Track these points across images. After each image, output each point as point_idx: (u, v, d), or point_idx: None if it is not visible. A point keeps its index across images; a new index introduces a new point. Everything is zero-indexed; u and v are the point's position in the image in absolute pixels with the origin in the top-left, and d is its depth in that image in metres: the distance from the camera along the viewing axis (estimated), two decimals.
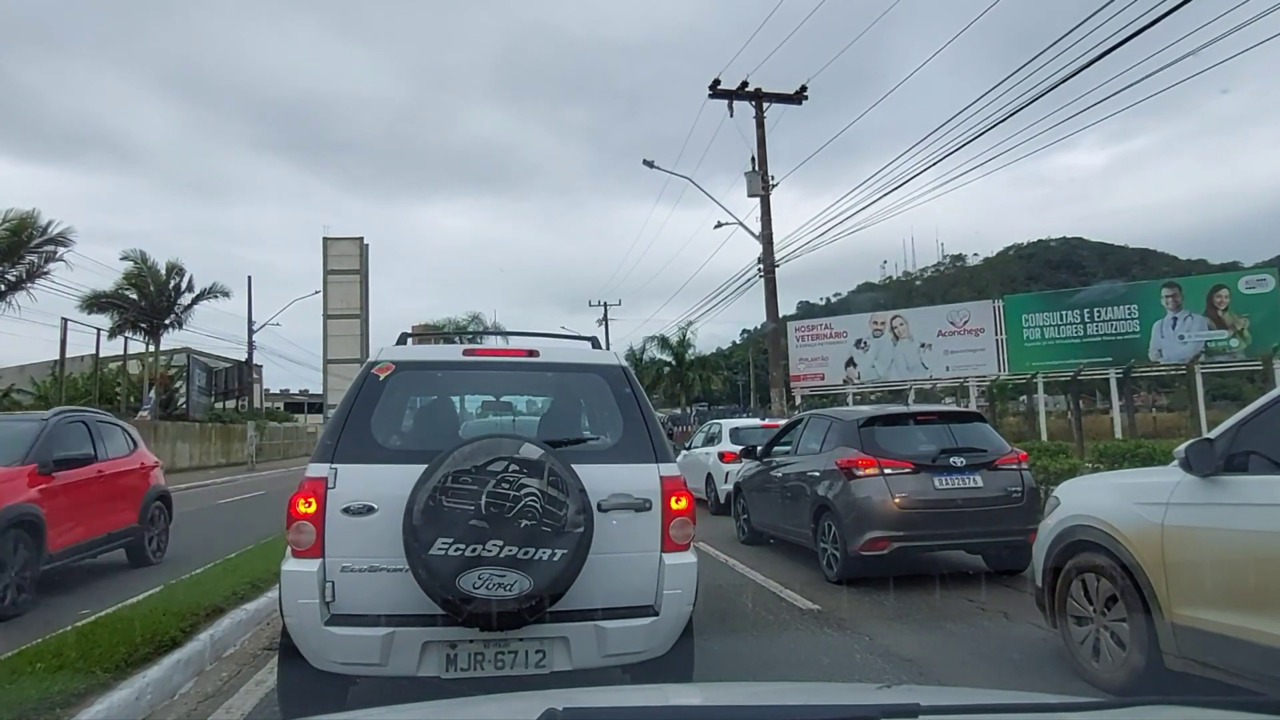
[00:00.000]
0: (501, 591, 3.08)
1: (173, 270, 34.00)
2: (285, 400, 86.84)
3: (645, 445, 3.72)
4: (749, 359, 69.36)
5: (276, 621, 4.85)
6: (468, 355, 4.26)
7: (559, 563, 3.14)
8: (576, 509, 3.22)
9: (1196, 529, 3.58)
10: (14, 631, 4.80)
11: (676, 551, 3.57)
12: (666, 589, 3.47)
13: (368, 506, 3.35)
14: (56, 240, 25.92)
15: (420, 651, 3.28)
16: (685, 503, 3.64)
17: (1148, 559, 3.75)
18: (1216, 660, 3.47)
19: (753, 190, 18.15)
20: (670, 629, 3.47)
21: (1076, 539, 4.26)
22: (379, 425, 3.67)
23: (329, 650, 3.27)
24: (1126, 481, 4.45)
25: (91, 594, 6.68)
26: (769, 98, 18.41)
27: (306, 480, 3.42)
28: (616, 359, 4.17)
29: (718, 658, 4.58)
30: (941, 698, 2.13)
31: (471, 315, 46.06)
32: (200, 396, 37.84)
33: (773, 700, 1.99)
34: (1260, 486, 3.40)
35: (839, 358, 30.33)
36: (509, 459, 3.24)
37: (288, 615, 3.35)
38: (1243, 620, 3.30)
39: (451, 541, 3.09)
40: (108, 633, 4.48)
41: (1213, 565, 3.50)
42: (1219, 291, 25.23)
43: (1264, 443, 3.46)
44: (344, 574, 3.32)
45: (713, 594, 6.41)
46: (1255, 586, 3.30)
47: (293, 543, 3.42)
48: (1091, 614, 4.19)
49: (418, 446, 3.67)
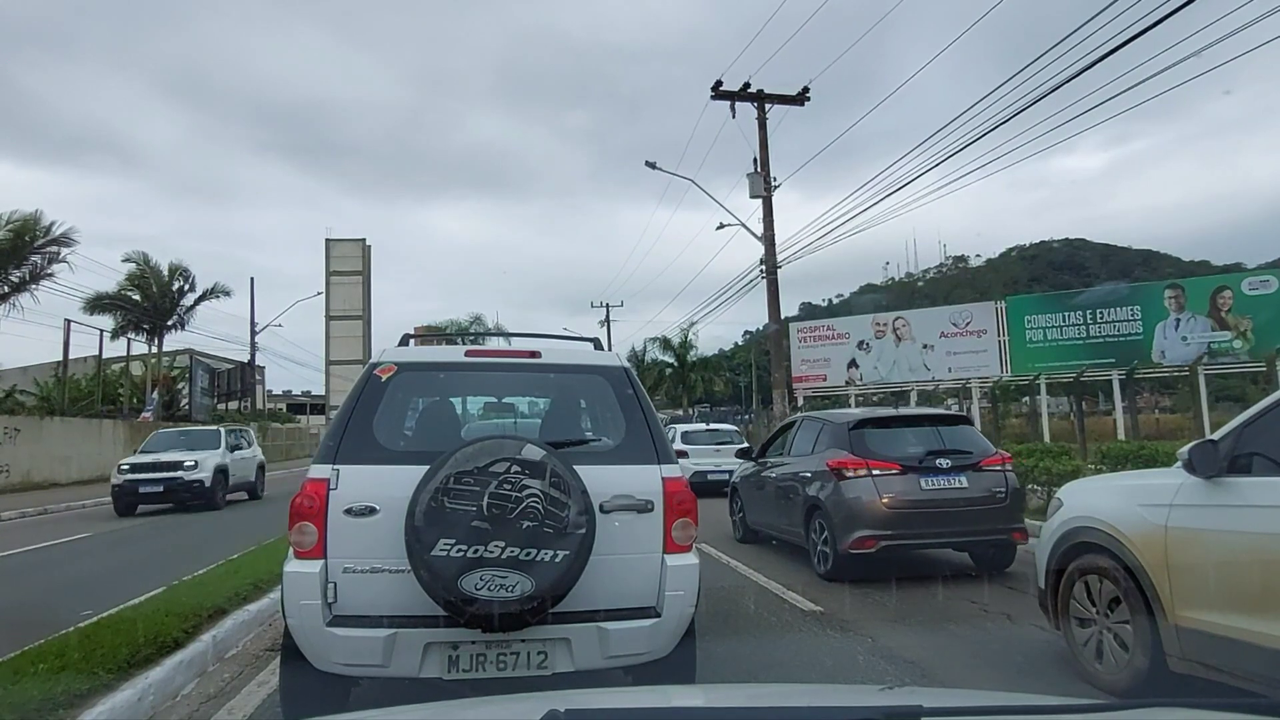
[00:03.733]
0: (503, 593, 3.05)
1: (175, 271, 34.04)
2: (288, 401, 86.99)
3: (647, 446, 3.67)
4: (751, 360, 69.32)
5: (279, 622, 4.79)
6: (470, 356, 4.18)
7: (561, 564, 3.11)
8: (579, 510, 3.19)
9: (1200, 531, 3.56)
10: (16, 632, 4.80)
11: (678, 553, 3.52)
12: (669, 590, 3.43)
13: (370, 508, 3.32)
14: (59, 241, 25.94)
15: (422, 653, 3.24)
16: (687, 504, 3.59)
17: (1151, 561, 3.73)
18: (1220, 663, 3.46)
19: (755, 192, 18.14)
20: (673, 630, 3.44)
21: (1079, 540, 4.23)
22: (381, 426, 3.62)
23: (331, 651, 3.23)
24: (1130, 483, 4.43)
25: (94, 595, 6.69)
26: (771, 99, 18.41)
27: (308, 481, 3.38)
28: (619, 360, 4.11)
29: (721, 659, 4.57)
30: (944, 700, 2.13)
31: (474, 316, 46.12)
32: (203, 398, 37.88)
33: (775, 702, 1.97)
34: (1264, 488, 3.37)
35: (841, 359, 30.29)
36: (511, 460, 3.20)
37: (290, 616, 3.32)
38: (1247, 623, 3.29)
39: (453, 543, 3.05)
40: (110, 633, 4.50)
41: (1216, 567, 3.48)
42: (1222, 293, 25.16)
43: (1267, 444, 3.43)
44: (346, 575, 3.29)
45: (715, 595, 6.41)
46: (1259, 589, 3.29)
47: (295, 544, 3.38)
48: (1095, 616, 4.18)
49: (420, 447, 3.65)
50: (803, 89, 18.49)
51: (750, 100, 18.33)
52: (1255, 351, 22.76)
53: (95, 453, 25.31)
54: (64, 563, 9.49)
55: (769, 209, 18.36)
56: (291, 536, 3.40)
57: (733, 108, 18.41)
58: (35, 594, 7.47)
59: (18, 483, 20.85)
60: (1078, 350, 26.35)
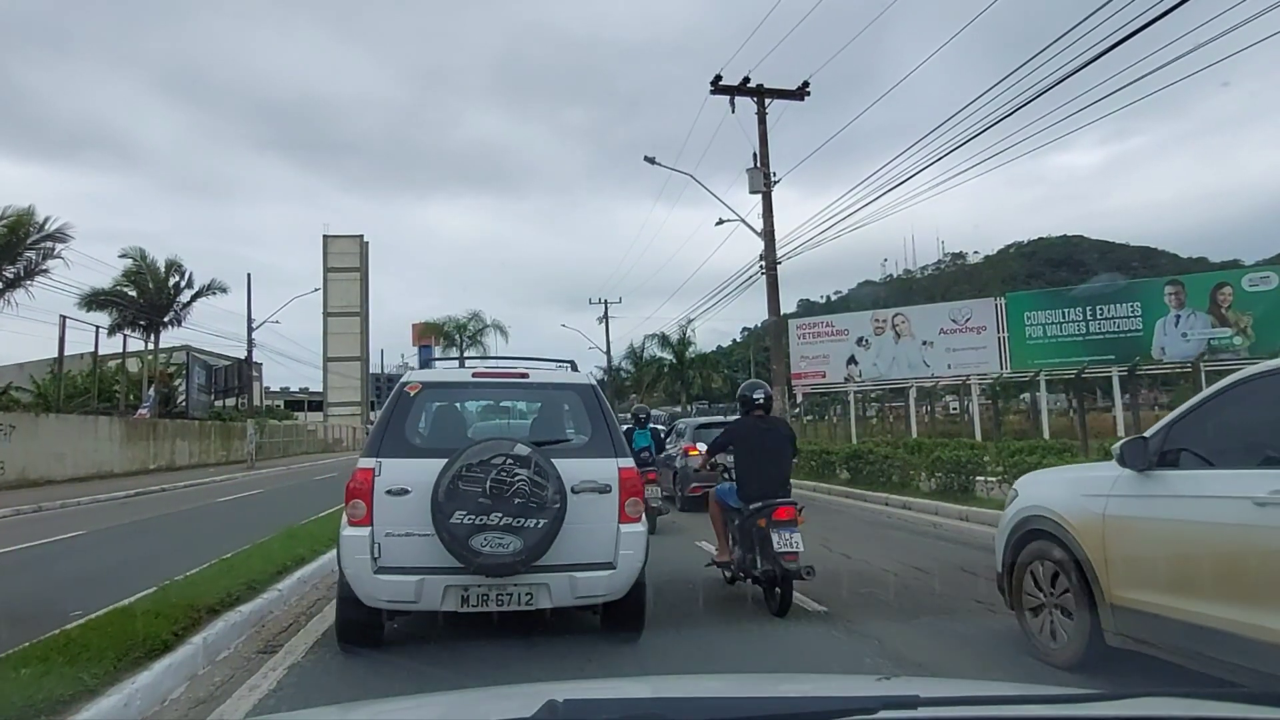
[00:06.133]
0: (501, 549, 4.20)
1: (172, 267, 33.95)
2: (286, 398, 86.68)
3: (608, 444, 4.83)
4: (750, 357, 69.21)
5: (272, 624, 5.59)
6: (475, 377, 5.44)
7: (542, 529, 4.25)
8: (554, 491, 4.30)
9: (1132, 519, 3.89)
10: (1, 634, 4.68)
11: (630, 523, 4.65)
12: (622, 550, 4.56)
13: (404, 489, 4.42)
14: (54, 237, 25.83)
15: (443, 593, 4.36)
16: (637, 487, 4.74)
17: (1091, 546, 4.06)
18: (1148, 636, 3.80)
19: (754, 187, 18.01)
20: (625, 579, 4.55)
21: (1031, 529, 4.56)
22: (410, 429, 4.82)
23: (378, 591, 4.35)
24: (1076, 475, 4.78)
25: (85, 594, 6.57)
26: (771, 93, 18.27)
27: (358, 470, 4.51)
28: (589, 379, 5.33)
29: (728, 657, 4.76)
30: (941, 689, 2.16)
31: (471, 313, 45.98)
32: (200, 394, 37.73)
33: (773, 692, 2.01)
34: (1188, 480, 3.70)
35: (840, 356, 30.14)
36: (506, 455, 4.33)
37: (346, 568, 4.40)
38: (1170, 600, 3.63)
39: (465, 513, 4.19)
40: (97, 635, 4.36)
41: (1145, 551, 3.82)
42: (1222, 289, 25.06)
43: (1192, 440, 3.76)
44: (387, 538, 4.40)
45: (717, 594, 6.42)
46: (1181, 570, 3.64)
47: (349, 515, 4.46)
48: (1045, 598, 4.47)
49: (439, 445, 4.72)
50: (802, 84, 18.36)
51: (750, 95, 18.20)
52: (1255, 348, 22.67)
53: (91, 450, 25.16)
54: (55, 560, 9.38)
55: (769, 204, 18.23)
56: (347, 510, 4.49)
57: (732, 102, 18.28)
58: (24, 593, 7.35)
59: (13, 480, 20.69)
60: (1078, 347, 26.24)
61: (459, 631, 5.08)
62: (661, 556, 6.97)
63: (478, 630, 5.02)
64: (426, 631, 5.15)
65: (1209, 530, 3.49)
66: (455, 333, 45.12)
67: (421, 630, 5.19)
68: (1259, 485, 3.26)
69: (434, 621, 5.01)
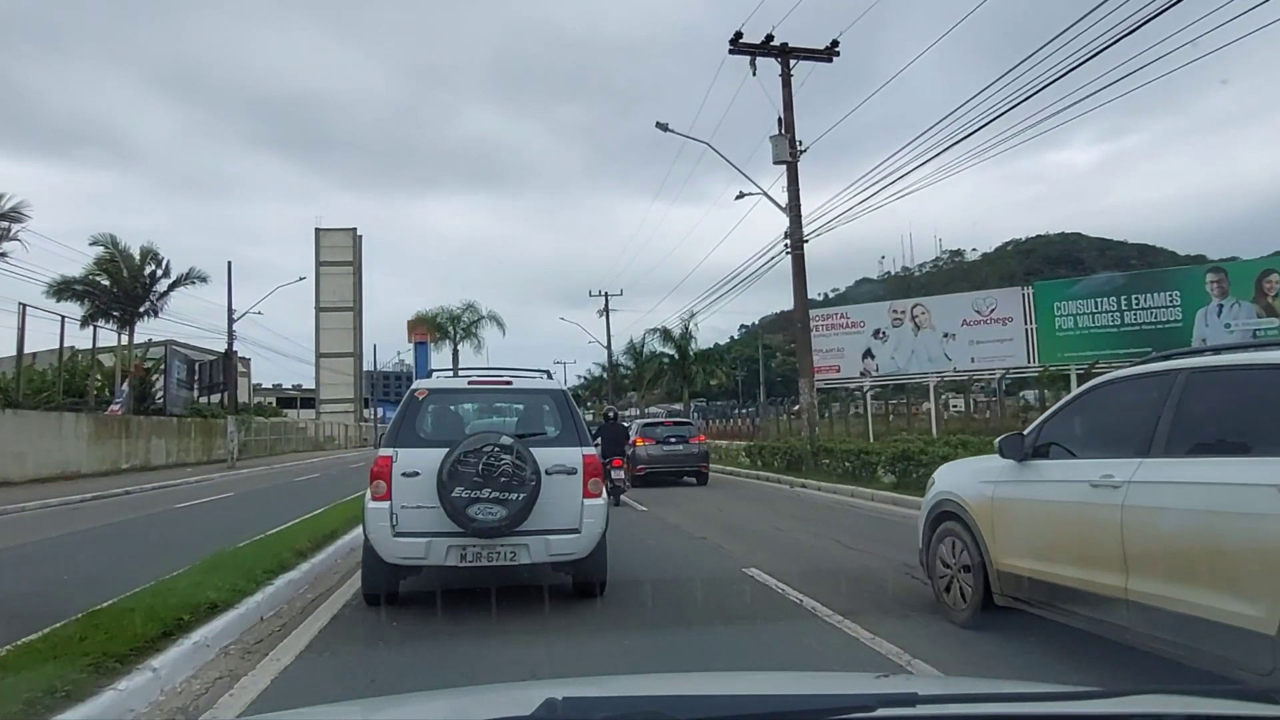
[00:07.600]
0: (490, 517, 5.40)
1: (147, 255, 31.99)
2: (278, 395, 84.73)
3: (574, 436, 6.02)
4: (757, 354, 67.61)
5: (259, 628, 5.39)
6: (470, 385, 6.84)
7: (521, 502, 5.43)
8: (531, 472, 5.46)
9: (1012, 500, 4.68)
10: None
11: (591, 498, 5.80)
12: (585, 518, 5.71)
13: (415, 472, 5.57)
14: (8, 216, 23.77)
15: (446, 550, 5.52)
16: (597, 470, 5.95)
17: (983, 523, 4.85)
18: (1022, 595, 4.52)
19: (779, 156, 16.25)
20: (589, 541, 5.70)
21: (943, 510, 5.32)
22: (419, 425, 5.99)
23: (396, 550, 5.53)
24: (977, 465, 5.47)
25: (78, 593, 6.05)
26: (797, 54, 16.53)
27: (380, 456, 5.72)
28: (560, 386, 6.70)
29: (717, 653, 4.72)
30: (939, 687, 2.32)
31: (466, 303, 44.19)
32: (180, 390, 35.81)
33: (770, 689, 1.97)
34: (1053, 468, 4.47)
35: (856, 349, 28.56)
36: (494, 444, 5.51)
37: (370, 533, 5.60)
38: (1037, 565, 4.38)
39: (463, 489, 5.38)
40: (91, 632, 4.20)
41: (1019, 526, 4.59)
42: (1269, 277, 23.51)
43: (1061, 435, 4.55)
44: (403, 510, 5.56)
45: (713, 587, 6.49)
46: (1042, 540, 4.41)
47: (373, 492, 5.63)
48: (950, 568, 5.18)
49: (441, 437, 5.86)
50: (831, 42, 16.64)
51: (774, 55, 16.47)
52: None
53: (55, 448, 23.32)
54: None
55: (794, 175, 16.46)
56: (371, 488, 5.65)
57: (753, 64, 16.53)
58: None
59: None
60: (1111, 339, 24.71)
61: (459, 632, 5.22)
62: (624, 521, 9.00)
63: (477, 630, 5.24)
64: (422, 630, 5.29)
65: (1060, 508, 4.31)
66: (449, 324, 43.29)
67: (419, 630, 5.31)
68: (1093, 471, 4.03)
69: (433, 621, 5.51)
